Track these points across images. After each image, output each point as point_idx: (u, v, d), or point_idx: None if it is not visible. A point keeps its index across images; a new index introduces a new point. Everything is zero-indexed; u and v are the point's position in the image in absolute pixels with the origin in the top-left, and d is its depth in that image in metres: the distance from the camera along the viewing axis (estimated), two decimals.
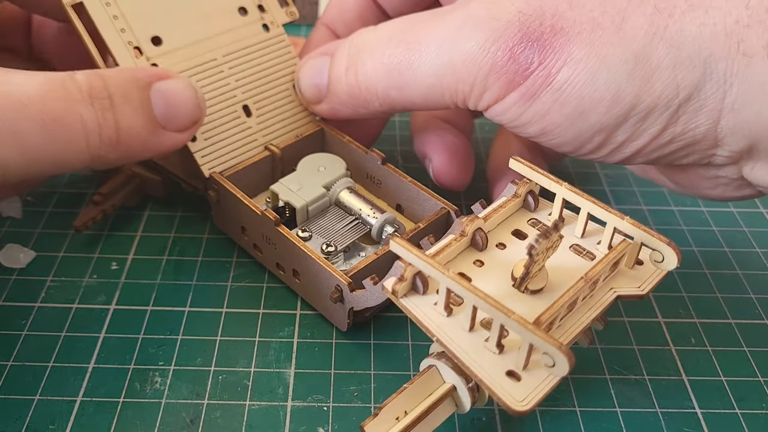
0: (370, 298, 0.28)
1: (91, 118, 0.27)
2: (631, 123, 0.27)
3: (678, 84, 0.25)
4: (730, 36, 0.25)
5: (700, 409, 0.29)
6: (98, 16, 0.31)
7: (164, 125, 0.30)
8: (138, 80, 0.29)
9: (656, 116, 0.26)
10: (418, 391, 0.24)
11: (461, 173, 0.35)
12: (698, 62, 0.25)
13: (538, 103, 0.27)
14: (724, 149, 0.27)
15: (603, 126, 0.27)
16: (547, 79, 0.26)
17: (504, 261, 0.26)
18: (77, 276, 0.33)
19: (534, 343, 0.21)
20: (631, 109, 0.26)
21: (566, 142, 0.28)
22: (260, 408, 0.28)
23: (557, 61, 0.26)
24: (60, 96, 0.26)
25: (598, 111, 0.26)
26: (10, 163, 0.25)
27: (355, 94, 0.32)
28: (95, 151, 0.27)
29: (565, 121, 0.27)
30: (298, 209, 0.32)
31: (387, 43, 0.31)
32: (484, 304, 0.22)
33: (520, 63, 0.27)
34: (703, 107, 0.26)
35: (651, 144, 0.27)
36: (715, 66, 0.25)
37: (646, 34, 0.25)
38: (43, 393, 0.28)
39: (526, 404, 0.22)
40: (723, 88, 0.25)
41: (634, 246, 0.26)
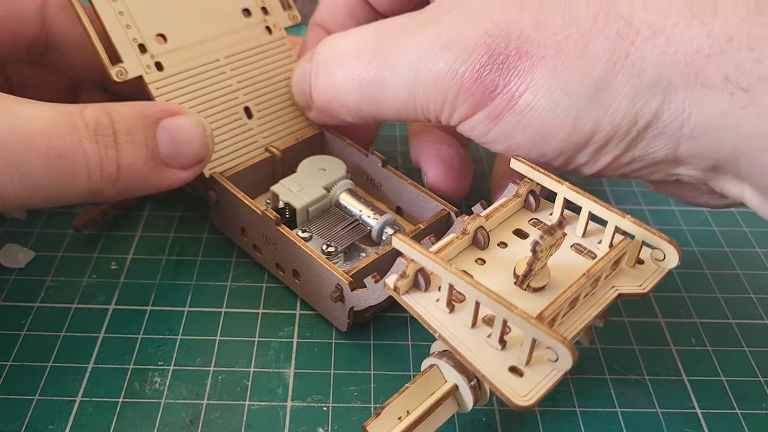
0: (371, 296, 0.28)
1: (94, 155, 0.27)
2: (592, 149, 0.27)
3: (637, 113, 0.25)
4: (689, 66, 0.24)
5: (700, 409, 0.29)
6: (104, 11, 0.31)
7: (168, 163, 0.30)
8: (145, 117, 0.29)
9: (615, 143, 0.26)
10: (420, 391, 0.24)
11: (457, 185, 0.35)
12: (658, 91, 0.25)
13: (502, 124, 0.27)
14: (687, 169, 0.27)
15: (564, 150, 0.27)
16: (510, 102, 0.27)
17: (505, 260, 0.26)
18: (77, 276, 0.33)
19: (537, 337, 0.21)
20: (591, 136, 0.26)
21: (533, 160, 0.28)
22: (260, 408, 0.28)
23: (520, 85, 0.26)
24: (67, 133, 0.26)
25: (558, 137, 0.27)
26: (10, 192, 0.25)
27: (324, 107, 0.33)
28: (95, 186, 0.28)
29: (528, 143, 0.27)
30: (299, 210, 0.32)
31: (357, 59, 0.31)
32: (486, 299, 0.22)
33: (487, 85, 0.27)
34: (661, 134, 0.26)
35: (612, 164, 0.27)
36: (674, 95, 0.25)
37: (607, 61, 0.25)
38: (42, 393, 0.28)
39: (529, 399, 0.22)
40: (681, 118, 0.25)
41: (635, 244, 0.26)
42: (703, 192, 0.29)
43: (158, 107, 0.30)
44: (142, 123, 0.29)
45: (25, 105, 0.27)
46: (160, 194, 0.37)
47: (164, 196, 0.37)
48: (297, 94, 0.35)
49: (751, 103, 0.23)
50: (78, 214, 0.35)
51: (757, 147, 0.24)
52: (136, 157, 0.29)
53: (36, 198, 0.26)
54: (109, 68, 0.31)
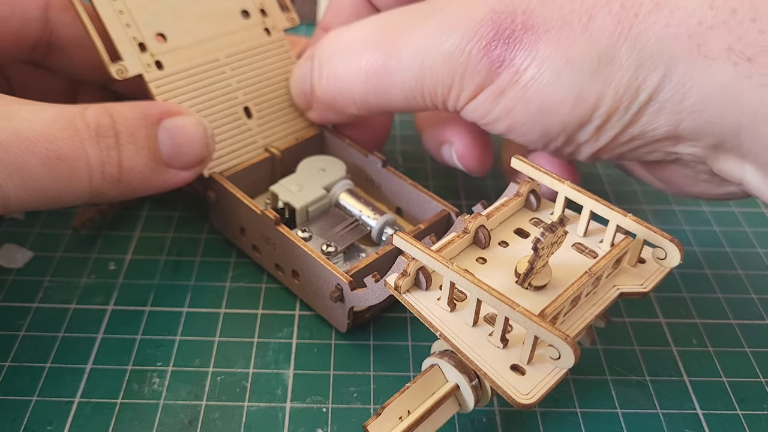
0: (371, 296, 0.27)
1: (96, 156, 0.27)
2: (594, 125, 0.27)
3: (639, 86, 0.25)
4: (692, 38, 0.24)
5: (701, 410, 0.28)
6: (104, 10, 0.31)
7: (169, 163, 0.30)
8: (147, 117, 0.29)
9: (617, 118, 0.26)
10: (421, 390, 0.24)
11: (485, 154, 0.35)
12: (660, 63, 0.25)
13: (505, 100, 0.27)
14: (688, 146, 0.27)
15: (566, 126, 0.27)
16: (515, 76, 0.27)
17: (506, 259, 0.26)
18: (75, 276, 0.33)
19: (539, 335, 0.21)
20: (594, 110, 0.26)
21: (533, 140, 0.28)
22: (259, 409, 0.28)
23: (525, 58, 0.26)
24: (68, 135, 0.26)
25: (561, 112, 0.27)
26: (12, 196, 0.25)
27: (329, 102, 0.32)
28: (96, 188, 0.27)
29: (529, 120, 0.27)
30: (298, 210, 0.32)
31: (363, 48, 0.31)
32: (488, 297, 0.22)
33: (493, 60, 0.27)
34: (662, 109, 0.26)
35: (612, 143, 0.27)
36: (676, 68, 0.25)
37: (611, 34, 0.26)
38: (40, 394, 0.28)
39: (531, 397, 0.22)
40: (681, 91, 0.25)
41: (636, 243, 0.25)
42: (700, 179, 0.29)
43: (160, 107, 0.30)
44: (143, 124, 0.29)
45: (25, 106, 0.27)
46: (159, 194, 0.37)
47: (165, 196, 0.37)
48: (297, 94, 0.35)
49: (755, 72, 0.23)
50: (76, 214, 0.35)
51: (759, 119, 0.24)
52: (138, 158, 0.28)
53: (38, 201, 0.26)
54: (110, 66, 0.31)
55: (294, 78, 0.35)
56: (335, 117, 0.34)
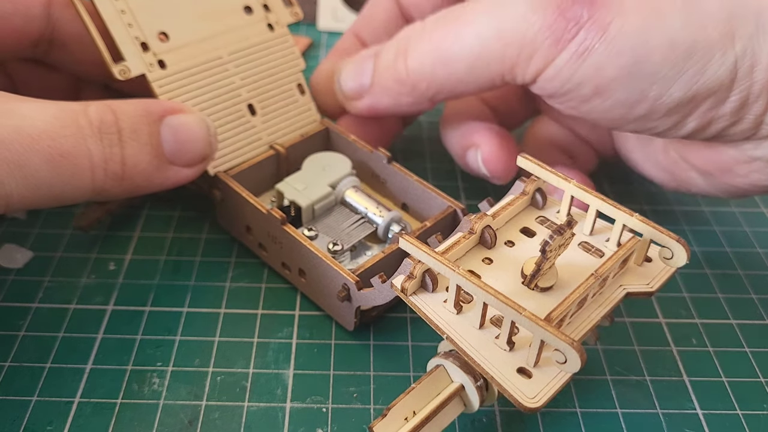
0: (378, 296, 0.27)
1: (99, 153, 0.27)
2: (688, 75, 0.26)
3: (734, 34, 0.25)
4: None
5: (701, 410, 0.28)
6: (106, 9, 0.31)
7: (172, 160, 0.30)
8: (150, 114, 0.29)
9: (713, 69, 0.26)
10: (426, 391, 0.24)
11: (511, 159, 0.34)
12: (750, 14, 0.25)
13: (592, 58, 0.27)
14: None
15: (660, 76, 0.26)
16: (599, 31, 0.26)
17: (513, 258, 0.26)
18: (75, 276, 0.33)
19: (546, 339, 0.21)
20: (688, 56, 0.26)
21: (620, 101, 0.27)
22: (259, 409, 0.28)
23: (607, 13, 0.26)
24: (71, 132, 0.26)
25: (653, 59, 0.26)
26: (14, 194, 0.25)
27: (402, 80, 0.32)
28: (99, 185, 0.27)
29: (621, 73, 0.26)
30: (304, 208, 0.32)
31: (433, 25, 0.31)
32: (495, 301, 0.22)
33: (569, 19, 0.26)
34: (758, 63, 0.25)
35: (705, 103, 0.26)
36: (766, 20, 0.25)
37: None
38: (40, 394, 0.28)
39: (538, 401, 0.22)
40: None
41: (643, 243, 0.25)
42: (755, 166, 0.29)
43: (162, 105, 0.30)
44: (146, 121, 0.29)
45: (28, 104, 0.26)
46: (163, 193, 0.37)
47: (168, 195, 0.37)
48: (351, 86, 0.35)
49: None
50: (81, 213, 0.35)
51: None
52: (141, 155, 0.28)
53: (40, 198, 0.26)
54: (112, 67, 0.31)
55: (348, 71, 0.35)
56: (392, 102, 0.33)
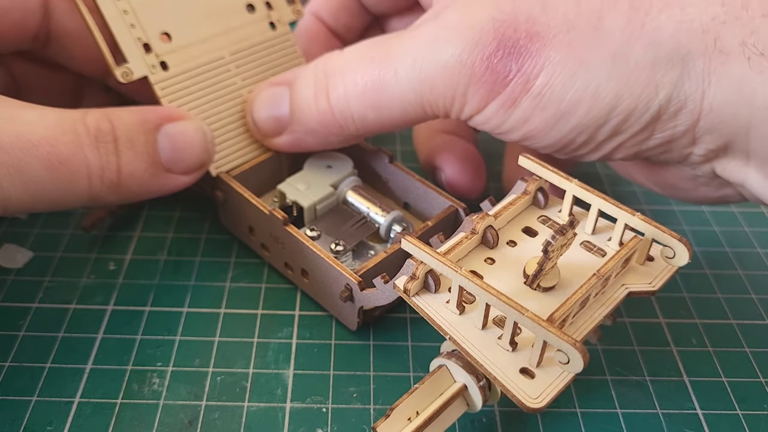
0: (380, 296, 0.27)
1: (96, 161, 0.27)
2: (612, 124, 0.26)
3: (657, 83, 0.25)
4: (707, 33, 0.24)
5: (701, 410, 0.28)
6: (108, 10, 0.31)
7: (169, 168, 0.30)
8: (146, 122, 0.29)
9: (636, 117, 0.26)
10: (429, 391, 0.24)
11: (475, 179, 0.35)
12: (676, 60, 0.25)
13: (519, 110, 0.27)
14: (700, 147, 0.26)
15: (584, 127, 0.27)
16: (526, 85, 0.26)
17: (515, 258, 0.26)
18: (75, 276, 0.33)
19: (548, 340, 0.21)
20: (611, 109, 0.26)
21: (549, 144, 0.28)
22: (259, 409, 0.28)
23: (535, 66, 0.26)
24: (70, 140, 0.27)
25: (577, 113, 0.26)
26: (12, 198, 0.26)
27: (327, 121, 0.31)
28: (96, 192, 0.28)
29: (546, 125, 0.27)
30: (306, 208, 0.32)
31: (359, 62, 0.30)
32: (497, 302, 0.22)
33: (499, 72, 0.26)
34: (683, 108, 0.25)
35: (630, 140, 0.27)
36: (693, 64, 0.25)
37: (623, 32, 0.25)
38: (40, 394, 0.28)
39: (541, 401, 0.22)
40: (702, 87, 0.25)
41: (645, 242, 0.25)
42: (700, 183, 0.29)
43: (160, 113, 0.30)
44: (143, 129, 0.29)
45: (28, 110, 0.27)
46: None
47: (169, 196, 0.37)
48: (265, 120, 0.33)
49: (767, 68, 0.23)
50: (83, 214, 0.35)
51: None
52: (137, 163, 0.29)
53: (37, 203, 0.27)
54: (115, 69, 0.31)
55: (260, 102, 0.33)
56: (319, 141, 0.32)
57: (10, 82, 0.35)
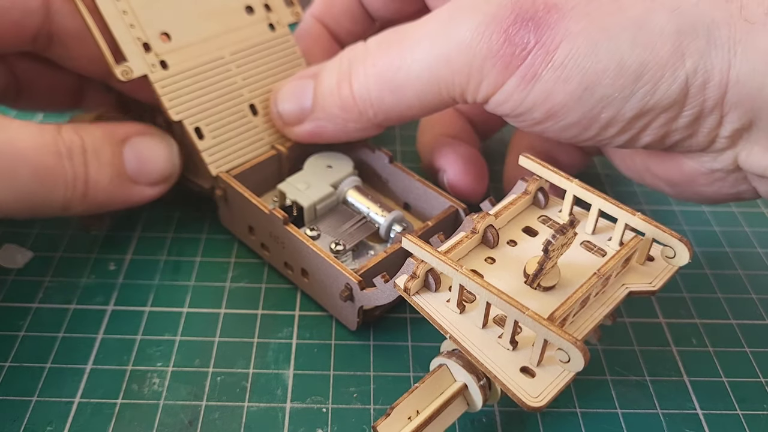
0: (380, 296, 0.28)
1: (71, 172, 0.29)
2: (639, 96, 0.25)
3: (683, 51, 0.24)
4: (731, 2, 0.24)
5: (701, 410, 0.28)
6: (108, 10, 0.31)
7: (135, 180, 0.31)
8: (113, 135, 0.31)
9: (665, 88, 0.25)
10: (430, 390, 0.24)
11: (476, 182, 0.35)
12: (701, 29, 0.24)
13: (540, 84, 0.26)
14: (726, 128, 0.26)
15: (610, 100, 0.26)
16: (547, 56, 0.25)
17: (515, 258, 0.26)
18: (75, 276, 0.33)
19: (549, 338, 0.21)
20: (637, 78, 0.25)
21: (573, 123, 0.27)
22: (259, 409, 0.28)
23: (555, 37, 0.25)
24: (52, 150, 0.28)
25: (603, 83, 0.25)
26: (2, 201, 0.27)
27: (348, 107, 0.31)
28: (68, 201, 0.29)
29: (570, 99, 0.26)
30: (306, 208, 0.32)
31: (378, 47, 0.30)
32: (498, 301, 0.22)
33: (517, 44, 0.26)
34: (710, 79, 0.25)
35: (659, 119, 0.26)
36: (718, 33, 0.24)
37: (644, 0, 0.25)
38: (40, 394, 0.28)
39: (541, 400, 0.22)
40: (728, 57, 0.24)
41: (645, 242, 0.26)
42: (717, 176, 0.28)
43: (127, 128, 0.32)
44: (109, 141, 0.30)
45: (12, 121, 0.28)
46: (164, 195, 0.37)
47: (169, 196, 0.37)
48: (289, 109, 0.33)
49: None
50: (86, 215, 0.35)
51: None
52: (102, 174, 0.30)
53: (20, 209, 0.28)
54: (114, 68, 0.31)
55: (285, 93, 0.33)
56: (339, 128, 0.32)
57: (11, 81, 0.35)
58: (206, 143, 0.33)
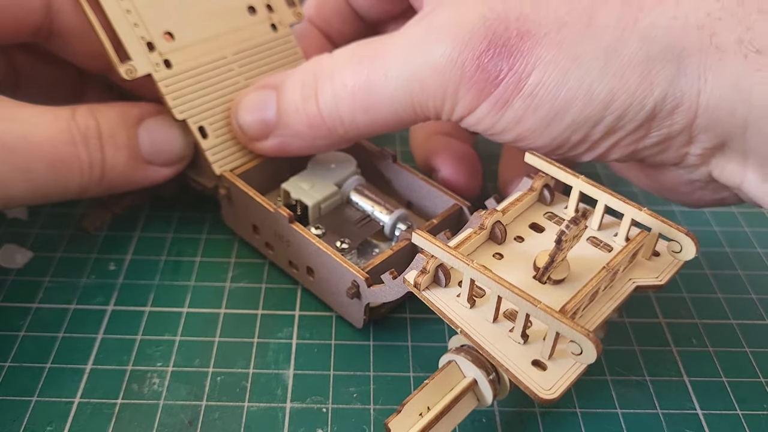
0: (388, 292, 0.27)
1: (86, 158, 0.29)
2: (607, 122, 0.26)
3: (652, 80, 0.25)
4: (702, 29, 0.24)
5: (701, 410, 0.28)
6: (112, 9, 0.31)
7: (150, 160, 0.32)
8: (127, 118, 0.31)
9: (632, 114, 0.25)
10: (440, 387, 0.25)
11: (470, 179, 0.35)
12: (671, 57, 0.24)
13: (511, 111, 0.26)
14: (696, 147, 0.26)
15: (579, 126, 0.26)
16: (518, 84, 0.26)
17: (523, 254, 0.26)
18: (75, 276, 0.33)
19: (561, 331, 0.22)
20: (606, 107, 0.25)
21: (543, 145, 0.27)
22: (259, 409, 0.28)
23: (527, 65, 0.25)
24: (67, 140, 0.29)
25: (572, 111, 0.26)
26: (16, 194, 0.28)
27: (316, 124, 0.30)
28: (84, 186, 0.30)
29: (540, 126, 0.26)
30: (311, 207, 0.32)
31: (348, 63, 0.29)
32: (510, 294, 0.22)
33: (490, 71, 0.26)
34: (679, 106, 0.25)
35: (626, 139, 0.26)
36: (689, 60, 0.24)
37: (615, 28, 0.25)
38: (40, 394, 0.28)
39: (554, 392, 0.22)
40: (698, 84, 0.24)
41: (651, 237, 0.26)
42: (696, 186, 0.29)
43: (140, 108, 0.32)
44: (124, 124, 0.31)
45: (26, 109, 0.28)
46: (166, 193, 0.37)
47: (171, 195, 0.37)
48: (251, 123, 0.32)
49: (764, 65, 0.23)
50: (86, 215, 0.36)
51: (766, 115, 0.24)
52: (118, 157, 0.30)
53: (35, 198, 0.29)
54: (119, 66, 0.31)
55: (245, 106, 0.32)
56: (307, 144, 0.31)
57: (10, 72, 0.35)
58: (210, 142, 0.33)
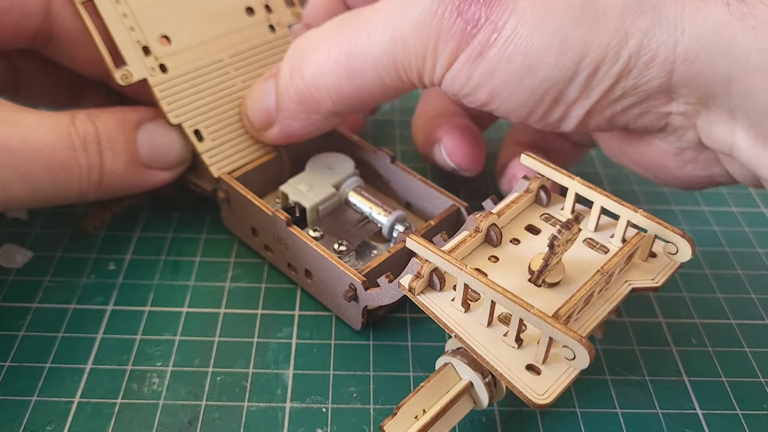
0: (384, 296, 0.28)
1: (85, 163, 0.29)
2: (582, 78, 0.25)
3: (627, 30, 0.24)
4: None
5: (701, 410, 0.28)
6: (108, 13, 0.31)
7: (149, 164, 0.32)
8: (126, 122, 0.31)
9: (606, 69, 0.25)
10: (435, 389, 0.25)
11: (475, 150, 0.34)
12: (647, 7, 0.24)
13: (485, 62, 0.26)
14: (678, 104, 0.26)
15: (553, 81, 0.26)
16: (494, 33, 0.25)
17: (518, 256, 0.26)
18: (75, 276, 0.33)
19: (554, 336, 0.22)
20: (580, 59, 0.25)
21: (517, 106, 0.27)
22: (259, 409, 0.28)
23: (503, 13, 0.25)
24: (67, 145, 0.29)
25: (546, 63, 0.25)
26: (16, 198, 0.28)
27: (304, 98, 0.30)
28: (84, 190, 0.30)
29: (514, 79, 0.26)
30: (309, 209, 0.32)
31: (333, 33, 0.29)
32: (503, 299, 0.22)
33: (468, 20, 0.26)
34: (655, 58, 0.24)
35: (603, 100, 0.26)
36: (665, 11, 0.24)
37: None
38: (40, 394, 0.28)
39: (547, 397, 0.22)
40: (674, 35, 0.24)
41: (648, 238, 0.26)
42: (685, 159, 0.28)
43: (139, 113, 0.32)
44: (122, 129, 0.31)
45: (27, 114, 0.29)
46: (165, 194, 0.37)
47: (170, 197, 0.37)
48: (257, 113, 0.33)
49: (748, 14, 0.23)
50: (86, 216, 0.36)
51: (751, 67, 0.23)
52: (117, 162, 0.30)
53: (35, 201, 0.29)
54: (114, 72, 0.31)
55: (252, 98, 0.33)
56: (304, 124, 0.32)
57: (11, 76, 0.35)
58: (206, 145, 0.33)
